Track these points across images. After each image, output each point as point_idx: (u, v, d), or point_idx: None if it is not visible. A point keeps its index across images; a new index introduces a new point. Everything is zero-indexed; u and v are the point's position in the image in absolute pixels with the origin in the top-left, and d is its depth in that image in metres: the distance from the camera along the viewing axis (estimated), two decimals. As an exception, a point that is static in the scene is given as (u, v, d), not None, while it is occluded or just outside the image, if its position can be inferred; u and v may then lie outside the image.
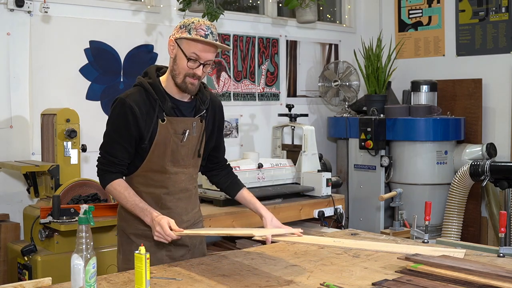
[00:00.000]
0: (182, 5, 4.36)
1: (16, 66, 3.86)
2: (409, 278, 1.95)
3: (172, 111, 2.33)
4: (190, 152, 2.40)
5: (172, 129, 2.33)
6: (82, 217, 1.79)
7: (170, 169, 2.36)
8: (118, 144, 2.31)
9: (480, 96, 5.22)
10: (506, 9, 5.14)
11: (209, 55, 2.28)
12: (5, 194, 3.85)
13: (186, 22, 2.28)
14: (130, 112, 2.29)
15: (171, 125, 2.33)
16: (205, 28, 2.26)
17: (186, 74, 2.28)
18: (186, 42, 2.26)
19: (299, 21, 5.21)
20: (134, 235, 2.41)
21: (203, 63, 2.28)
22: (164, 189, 2.38)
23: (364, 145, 5.08)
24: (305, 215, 4.28)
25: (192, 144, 2.39)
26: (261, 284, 1.94)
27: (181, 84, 2.30)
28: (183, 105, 2.38)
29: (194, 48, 2.25)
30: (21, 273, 3.38)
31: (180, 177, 2.40)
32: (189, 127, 2.37)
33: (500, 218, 2.34)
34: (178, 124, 2.34)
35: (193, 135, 2.38)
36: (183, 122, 2.35)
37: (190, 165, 2.43)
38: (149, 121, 2.30)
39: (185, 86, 2.30)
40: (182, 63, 2.28)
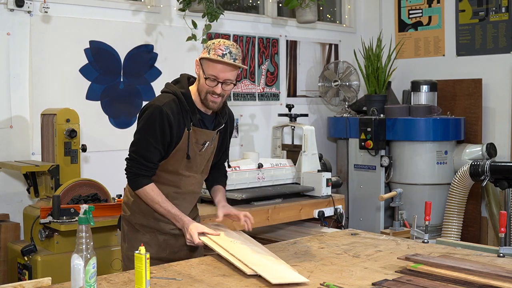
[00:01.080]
0: (182, 5, 4.36)
1: (16, 66, 3.86)
2: (409, 278, 1.95)
3: (198, 123, 2.46)
4: (204, 161, 2.55)
5: (195, 138, 2.46)
6: (82, 217, 1.79)
7: (183, 173, 2.50)
8: (156, 150, 2.41)
9: (480, 96, 5.22)
10: (506, 9, 5.14)
11: (227, 74, 2.37)
12: (5, 194, 3.85)
13: (209, 43, 2.40)
14: (167, 120, 2.38)
15: (195, 135, 2.45)
16: (224, 48, 2.35)
17: (207, 92, 2.39)
18: (206, 62, 2.38)
19: (299, 21, 5.21)
20: (139, 225, 2.53)
21: (222, 82, 2.37)
22: (176, 188, 2.52)
23: (364, 145, 5.08)
24: (305, 215, 4.28)
25: (207, 153, 2.54)
26: (261, 284, 1.94)
27: (203, 100, 2.42)
28: (207, 118, 2.50)
29: (212, 67, 2.36)
30: (21, 273, 3.38)
31: (191, 180, 2.55)
32: (210, 139, 2.51)
33: (500, 218, 2.34)
34: (201, 135, 2.47)
35: (210, 146, 2.53)
36: (205, 134, 2.48)
37: (202, 171, 2.58)
38: (179, 129, 2.42)
39: (207, 103, 2.42)
40: (203, 82, 2.39)
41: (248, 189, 4.13)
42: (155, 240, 2.51)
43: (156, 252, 2.46)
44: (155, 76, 4.51)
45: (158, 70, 4.52)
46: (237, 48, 2.40)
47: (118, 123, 4.34)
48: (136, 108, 4.41)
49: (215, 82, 2.37)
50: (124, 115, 4.37)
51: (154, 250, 2.44)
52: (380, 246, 2.49)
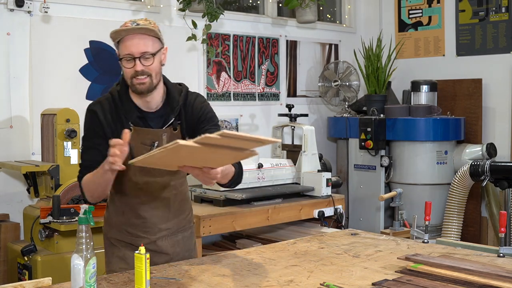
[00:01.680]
0: (182, 5, 4.36)
1: (16, 66, 3.86)
2: (409, 278, 1.95)
3: (138, 121, 2.24)
4: None
5: (139, 139, 2.23)
6: (82, 217, 1.79)
7: (139, 179, 2.28)
8: (92, 149, 2.25)
9: (480, 96, 5.22)
10: (506, 9, 5.14)
11: (140, 46, 2.14)
12: (5, 194, 3.85)
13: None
14: (95, 118, 2.24)
15: (138, 135, 2.23)
16: (130, 23, 2.17)
17: (131, 76, 2.17)
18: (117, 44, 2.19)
19: (299, 21, 5.21)
20: (114, 239, 2.39)
21: (139, 57, 2.14)
22: (137, 198, 2.32)
23: (364, 145, 5.08)
24: (305, 215, 4.28)
25: None
26: (261, 284, 1.94)
27: (132, 89, 2.20)
28: (150, 116, 2.26)
29: (123, 46, 2.16)
30: (21, 273, 3.38)
31: (153, 186, 2.31)
32: (158, 139, 2.24)
33: (500, 218, 2.34)
34: (145, 135, 2.24)
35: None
36: (150, 133, 2.24)
37: (164, 174, 2.30)
38: (115, 129, 2.20)
39: (135, 88, 2.19)
40: (124, 69, 2.17)
41: (248, 189, 4.13)
42: (130, 255, 2.27)
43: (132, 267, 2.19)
44: (155, 76, 4.50)
45: (158, 70, 4.51)
46: (147, 20, 2.18)
47: (118, 123, 4.34)
48: (136, 108, 4.41)
49: (131, 61, 2.14)
50: (124, 115, 4.36)
51: (129, 266, 2.21)
52: (380, 246, 2.49)
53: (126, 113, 2.24)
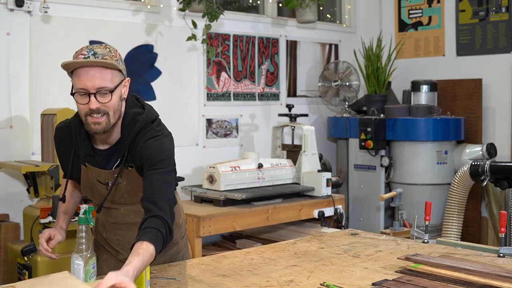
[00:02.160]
0: (182, 5, 4.36)
1: (16, 66, 3.86)
2: (409, 278, 1.95)
3: (89, 159, 2.04)
4: (128, 195, 2.08)
5: (94, 177, 2.07)
6: (82, 217, 1.79)
7: (108, 205, 2.14)
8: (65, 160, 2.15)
9: (480, 96, 5.22)
10: (506, 9, 5.14)
11: (96, 81, 1.85)
12: (5, 194, 3.85)
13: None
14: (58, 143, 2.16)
15: (91, 173, 2.07)
16: (86, 51, 1.89)
17: (85, 114, 1.89)
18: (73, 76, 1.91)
19: (299, 21, 5.21)
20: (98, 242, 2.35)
21: (94, 92, 1.86)
22: (110, 218, 2.20)
23: (364, 145, 5.08)
24: (305, 215, 4.28)
25: (125, 190, 2.07)
26: (261, 284, 1.94)
27: (86, 127, 1.93)
28: (100, 154, 2.04)
29: (77, 79, 1.88)
30: (21, 273, 3.38)
31: (122, 212, 2.15)
32: (111, 179, 2.03)
33: (500, 218, 2.34)
34: (98, 174, 2.05)
35: (122, 184, 2.04)
36: (101, 173, 2.05)
37: (132, 202, 2.10)
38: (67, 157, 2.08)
39: (90, 128, 1.91)
40: (77, 104, 1.91)
41: (248, 189, 4.13)
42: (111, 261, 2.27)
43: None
44: (155, 76, 4.51)
45: (158, 70, 4.52)
46: (106, 48, 1.90)
47: (118, 123, 4.33)
48: (136, 108, 4.41)
49: (86, 96, 1.85)
50: (124, 115, 4.36)
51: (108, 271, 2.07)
52: (380, 246, 2.49)
53: (78, 148, 2.04)
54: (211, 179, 4.09)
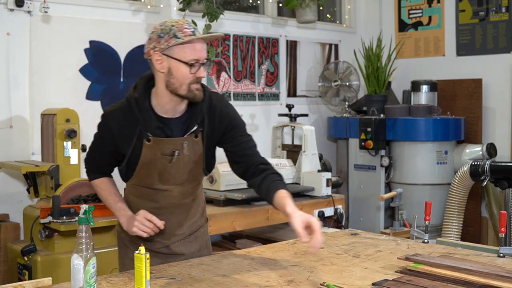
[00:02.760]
0: (182, 5, 4.36)
1: (16, 66, 3.86)
2: (409, 278, 1.95)
3: (158, 131, 2.14)
4: (183, 171, 2.22)
5: (159, 150, 2.15)
6: (82, 217, 1.79)
7: (159, 187, 2.23)
8: (98, 155, 2.30)
9: (480, 96, 5.22)
10: (506, 9, 5.14)
11: (204, 53, 2.11)
12: (5, 194, 3.85)
13: (165, 29, 2.06)
14: (107, 129, 2.18)
15: (157, 146, 2.15)
16: (188, 26, 2.07)
17: (190, 82, 2.08)
18: (179, 48, 2.05)
19: (299, 21, 5.21)
20: (127, 240, 2.36)
21: (203, 63, 2.10)
22: (155, 203, 2.26)
23: (364, 145, 5.08)
24: (305, 215, 4.27)
25: (184, 162, 2.20)
26: (261, 284, 1.94)
27: (187, 94, 2.09)
28: (172, 123, 2.17)
29: (190, 51, 2.06)
30: (21, 273, 3.38)
31: (172, 193, 2.26)
32: (179, 148, 2.17)
33: (500, 218, 2.34)
34: (165, 145, 2.15)
35: (185, 154, 2.18)
36: (170, 143, 2.16)
37: (184, 181, 2.25)
38: (129, 140, 2.15)
39: (193, 94, 2.10)
40: (183, 72, 2.06)
41: (248, 189, 4.12)
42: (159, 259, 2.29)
43: None
44: (155, 76, 4.50)
45: (158, 70, 4.51)
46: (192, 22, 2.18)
47: (118, 123, 4.33)
48: (136, 108, 4.41)
49: (197, 66, 2.07)
50: (124, 115, 4.36)
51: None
52: (380, 246, 2.49)
53: (145, 123, 2.13)
54: (211, 179, 4.09)
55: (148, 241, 2.23)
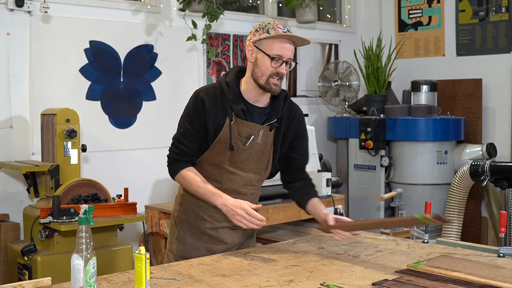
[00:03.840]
0: (182, 5, 4.36)
1: (16, 66, 3.86)
2: (409, 278, 1.95)
3: (241, 114, 2.34)
4: (252, 158, 2.39)
5: (237, 130, 2.34)
6: (82, 217, 1.79)
7: (226, 167, 2.38)
8: (191, 135, 2.36)
9: (480, 96, 5.22)
10: (506, 9, 5.14)
11: (289, 52, 2.29)
12: (5, 194, 3.85)
13: (262, 25, 2.31)
14: (201, 104, 2.33)
15: (237, 126, 2.34)
16: (282, 26, 2.29)
17: (270, 75, 2.29)
18: (267, 42, 2.28)
19: (299, 21, 5.21)
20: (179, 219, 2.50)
21: (286, 61, 2.29)
22: (217, 183, 2.39)
23: (364, 145, 5.08)
24: (305, 215, 4.21)
25: (255, 150, 2.38)
26: (261, 284, 1.94)
27: (265, 85, 2.30)
28: (256, 110, 2.37)
29: (276, 46, 2.27)
30: (21, 273, 3.38)
31: (235, 178, 2.41)
32: (255, 133, 2.36)
33: (500, 218, 2.34)
34: (244, 128, 2.34)
35: (257, 142, 2.37)
36: (249, 126, 2.35)
37: (249, 170, 2.41)
38: (217, 117, 2.33)
39: (269, 86, 2.30)
40: (265, 64, 2.28)
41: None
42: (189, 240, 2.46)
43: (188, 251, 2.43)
44: (155, 76, 4.51)
45: (158, 70, 4.52)
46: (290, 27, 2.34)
47: (118, 123, 4.34)
48: (136, 108, 4.41)
49: (279, 61, 2.28)
50: (124, 115, 4.37)
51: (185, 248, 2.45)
52: (380, 246, 2.49)
53: (233, 103, 2.32)
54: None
55: (199, 218, 2.44)
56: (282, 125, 2.42)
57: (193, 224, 2.48)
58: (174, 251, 2.50)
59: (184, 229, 2.50)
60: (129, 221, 3.46)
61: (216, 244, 2.46)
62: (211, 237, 2.46)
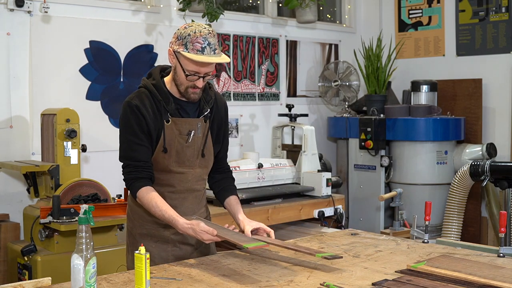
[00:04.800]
0: (182, 5, 4.36)
1: (16, 66, 3.86)
2: (409, 278, 1.95)
3: (176, 112, 2.33)
4: (195, 153, 2.38)
5: (177, 130, 2.32)
6: (82, 217, 1.79)
7: (175, 169, 2.35)
8: (139, 146, 2.28)
9: (480, 96, 5.22)
10: (506, 9, 5.14)
11: (207, 69, 2.24)
12: (5, 194, 3.85)
13: (183, 34, 2.21)
14: (138, 112, 2.27)
15: (176, 126, 2.32)
16: (202, 41, 2.19)
17: (187, 86, 2.27)
18: (184, 56, 2.22)
19: (299, 21, 5.21)
20: (139, 235, 2.40)
21: (203, 76, 2.25)
22: (170, 187, 2.37)
23: (364, 145, 5.08)
24: (305, 215, 4.28)
25: (197, 144, 2.37)
26: (261, 284, 1.94)
27: (184, 93, 2.30)
28: (187, 105, 2.36)
29: (191, 64, 2.22)
30: (21, 273, 3.38)
31: (186, 177, 2.39)
32: (194, 128, 2.35)
33: (500, 218, 2.34)
34: (183, 125, 2.33)
35: (198, 136, 2.36)
36: (187, 122, 2.34)
37: (196, 165, 2.40)
38: (155, 121, 2.29)
39: (188, 95, 2.30)
40: (182, 76, 2.26)
41: (248, 189, 4.13)
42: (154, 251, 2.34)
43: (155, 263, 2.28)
44: (155, 76, 4.50)
45: (158, 70, 4.51)
46: (213, 36, 2.23)
47: (118, 123, 4.32)
48: (136, 108, 4.41)
49: (195, 77, 2.24)
50: (124, 115, 4.36)
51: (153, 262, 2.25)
52: (380, 246, 2.49)
53: (166, 104, 2.30)
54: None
55: (161, 227, 2.37)
56: (213, 112, 2.43)
57: (156, 234, 2.38)
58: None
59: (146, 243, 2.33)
60: (129, 221, 3.46)
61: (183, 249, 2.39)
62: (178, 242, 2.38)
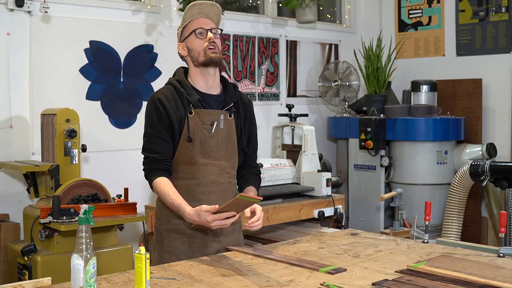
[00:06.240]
0: (182, 5, 4.37)
1: (16, 66, 3.86)
2: (409, 278, 1.95)
3: (199, 104, 2.40)
4: (220, 144, 2.42)
5: (200, 120, 2.39)
6: (82, 217, 1.79)
7: (199, 160, 2.39)
8: (158, 138, 2.36)
9: (480, 96, 5.22)
10: (506, 9, 5.14)
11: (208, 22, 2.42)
12: (5, 194, 3.85)
13: (180, 25, 2.48)
14: (160, 105, 2.36)
15: (199, 117, 2.39)
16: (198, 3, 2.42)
17: (204, 49, 2.39)
18: (186, 29, 2.43)
19: (299, 21, 5.21)
20: (166, 231, 2.44)
21: (209, 29, 2.40)
22: (194, 180, 2.40)
23: (364, 145, 5.08)
24: (305, 215, 4.28)
25: (221, 136, 2.42)
26: (261, 284, 1.94)
27: (205, 59, 2.40)
28: (211, 98, 2.45)
29: (193, 25, 2.41)
30: (21, 273, 3.38)
31: (210, 168, 2.41)
32: (217, 119, 2.42)
33: (500, 218, 2.34)
34: (205, 116, 2.40)
35: (221, 128, 2.43)
36: (210, 114, 2.41)
37: (221, 157, 2.43)
38: (178, 113, 2.37)
39: (209, 56, 2.39)
40: (196, 42, 2.40)
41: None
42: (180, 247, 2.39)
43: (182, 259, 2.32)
44: (155, 76, 4.51)
45: (158, 70, 4.52)
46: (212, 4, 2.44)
47: (118, 123, 4.34)
48: (136, 108, 4.41)
49: (204, 32, 2.40)
50: (124, 115, 4.37)
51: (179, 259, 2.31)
52: (380, 246, 2.49)
53: (189, 97, 2.39)
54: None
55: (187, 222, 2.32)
56: (240, 111, 2.51)
57: (183, 231, 2.40)
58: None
59: (172, 239, 2.41)
60: (129, 221, 3.46)
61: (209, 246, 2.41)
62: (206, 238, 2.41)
